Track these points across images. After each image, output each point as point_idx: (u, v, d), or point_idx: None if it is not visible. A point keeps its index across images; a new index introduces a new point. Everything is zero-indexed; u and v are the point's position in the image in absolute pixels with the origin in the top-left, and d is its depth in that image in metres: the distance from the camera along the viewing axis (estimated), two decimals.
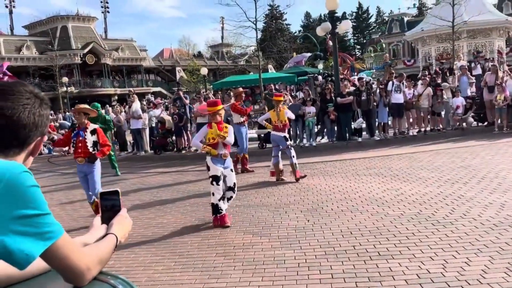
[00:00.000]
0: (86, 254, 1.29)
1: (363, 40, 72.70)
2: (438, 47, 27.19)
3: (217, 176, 6.08)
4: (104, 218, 1.51)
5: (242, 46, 40.53)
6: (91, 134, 6.66)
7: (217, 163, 6.12)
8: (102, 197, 1.51)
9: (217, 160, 6.13)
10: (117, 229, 1.46)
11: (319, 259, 4.60)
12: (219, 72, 55.34)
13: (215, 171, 6.09)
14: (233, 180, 6.32)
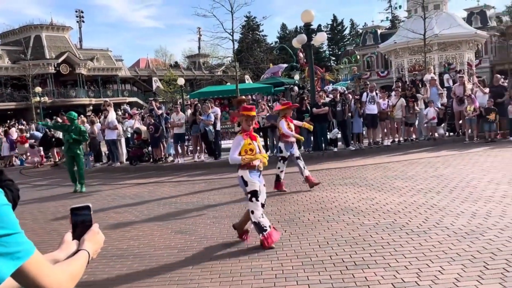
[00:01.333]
0: (58, 272, 1.27)
1: (338, 51, 73.76)
2: (410, 59, 27.82)
3: (256, 191, 5.43)
4: (75, 233, 1.48)
5: (219, 56, 40.44)
6: None
7: (256, 177, 5.49)
8: (73, 213, 1.49)
9: (255, 173, 5.49)
10: (88, 245, 1.45)
11: (296, 270, 4.61)
12: (196, 82, 55.16)
13: (254, 186, 5.42)
14: (264, 196, 5.72)
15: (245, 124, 5.49)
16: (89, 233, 1.48)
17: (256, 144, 5.48)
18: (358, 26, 73.31)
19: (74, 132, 10.88)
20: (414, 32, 20.08)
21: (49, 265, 1.26)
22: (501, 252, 4.56)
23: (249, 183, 5.41)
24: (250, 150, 5.38)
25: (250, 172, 5.42)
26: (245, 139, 5.39)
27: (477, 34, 27.60)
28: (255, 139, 5.52)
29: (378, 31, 54.35)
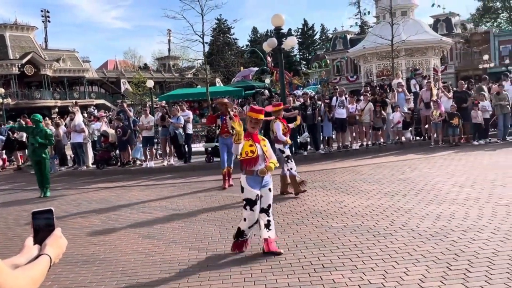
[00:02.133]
0: (18, 276, 1.24)
1: (308, 56, 74.52)
2: (378, 64, 28.39)
3: (251, 200, 5.01)
4: (37, 238, 1.44)
5: (189, 59, 40.35)
6: None
7: (254, 184, 5.03)
8: (35, 216, 1.45)
9: (254, 180, 5.03)
10: (50, 250, 1.41)
11: (265, 273, 4.61)
12: (165, 85, 54.74)
13: (250, 194, 5.01)
14: (268, 201, 5.18)
15: (249, 126, 5.13)
16: (51, 237, 1.44)
17: (260, 147, 5.04)
18: (329, 31, 74.29)
19: (40, 135, 10.54)
20: (382, 37, 20.50)
21: (8, 270, 1.23)
22: (464, 253, 4.69)
23: (245, 190, 5.04)
24: (251, 152, 4.99)
25: (248, 179, 5.03)
26: (246, 141, 5.03)
27: (443, 41, 28.43)
28: (259, 141, 5.10)
29: (347, 36, 55.19)
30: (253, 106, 5.40)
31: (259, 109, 5.25)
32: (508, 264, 4.31)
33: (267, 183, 5.14)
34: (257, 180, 5.03)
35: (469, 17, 60.01)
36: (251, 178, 5.03)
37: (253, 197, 4.99)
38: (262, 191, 5.08)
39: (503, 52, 46.90)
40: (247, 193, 5.02)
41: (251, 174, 5.03)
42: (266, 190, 5.11)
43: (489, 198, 6.95)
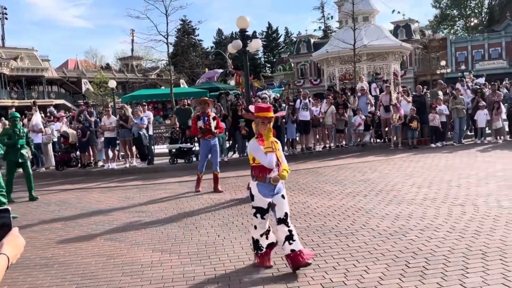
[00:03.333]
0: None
1: (273, 59, 75.07)
2: (341, 68, 28.86)
3: (263, 209, 4.60)
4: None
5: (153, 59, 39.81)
6: None
7: (266, 192, 4.57)
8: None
9: (265, 187, 4.57)
10: (8, 249, 1.38)
11: (229, 274, 4.63)
12: (128, 85, 53.81)
13: (262, 203, 4.58)
14: (284, 209, 4.63)
15: (262, 127, 4.55)
16: (8, 237, 1.41)
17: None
18: (293, 34, 75.08)
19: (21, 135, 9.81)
20: (344, 42, 20.88)
21: None
22: (421, 251, 4.86)
23: (255, 198, 4.60)
24: None
25: (259, 185, 4.57)
26: (262, 145, 4.50)
27: (403, 46, 29.21)
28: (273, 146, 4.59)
29: (311, 40, 55.93)
30: (259, 104, 4.89)
31: (266, 106, 4.68)
32: (463, 262, 4.50)
33: (279, 189, 4.65)
34: (270, 187, 4.57)
35: (427, 24, 62.21)
36: (263, 185, 4.55)
37: (265, 205, 4.57)
38: (275, 199, 4.60)
39: (459, 58, 48.79)
40: (259, 201, 4.58)
41: (263, 182, 4.54)
42: (279, 197, 4.62)
43: (445, 198, 7.23)
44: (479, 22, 62.25)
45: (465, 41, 49.65)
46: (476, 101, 14.20)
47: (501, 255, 4.59)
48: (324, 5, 64.91)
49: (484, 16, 63.09)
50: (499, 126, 14.04)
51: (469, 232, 5.42)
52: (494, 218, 5.93)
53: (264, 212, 4.60)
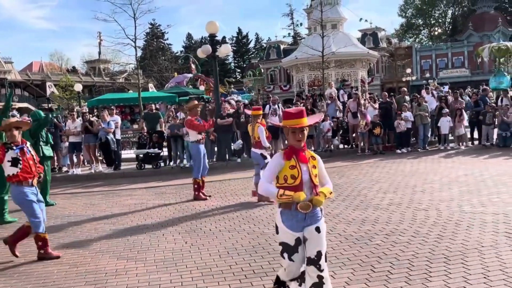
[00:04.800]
0: None
1: (243, 64, 75.23)
2: (310, 74, 29.23)
3: (289, 246, 3.41)
4: None
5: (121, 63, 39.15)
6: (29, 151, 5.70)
7: (293, 223, 3.39)
8: None
9: (292, 217, 3.38)
10: None
11: (196, 281, 4.57)
12: (95, 89, 52.75)
13: (286, 237, 3.41)
14: (317, 246, 3.41)
15: (292, 139, 3.41)
16: None
17: (307, 170, 3.39)
18: (263, 40, 75.43)
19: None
20: (313, 49, 21.15)
21: None
22: (386, 256, 4.94)
23: (279, 231, 3.46)
24: (291, 178, 3.34)
25: (284, 214, 3.41)
26: (287, 160, 3.38)
27: (370, 54, 29.84)
28: (306, 161, 3.42)
29: (281, 46, 56.37)
30: (288, 110, 3.51)
31: (296, 111, 3.46)
32: (426, 266, 4.59)
33: (314, 219, 3.42)
34: (298, 217, 3.37)
35: (394, 32, 63.74)
36: (289, 214, 3.38)
37: (291, 241, 3.39)
38: (307, 231, 3.40)
39: (424, 66, 50.20)
40: (283, 235, 3.42)
41: (289, 209, 3.38)
42: (312, 230, 3.40)
43: (409, 203, 7.38)
44: (443, 32, 64.24)
45: (429, 49, 51.14)
46: (440, 108, 14.60)
47: (462, 259, 4.71)
48: (294, 12, 65.54)
49: (448, 26, 65.17)
50: (461, 133, 14.48)
51: (432, 236, 5.55)
52: (456, 222, 6.09)
53: (292, 251, 3.40)
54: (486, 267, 4.47)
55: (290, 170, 3.38)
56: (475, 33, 48.01)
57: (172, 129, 13.40)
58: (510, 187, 8.12)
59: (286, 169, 3.38)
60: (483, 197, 7.48)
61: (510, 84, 24.61)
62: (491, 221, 6.05)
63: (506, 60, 34.46)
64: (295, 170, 3.38)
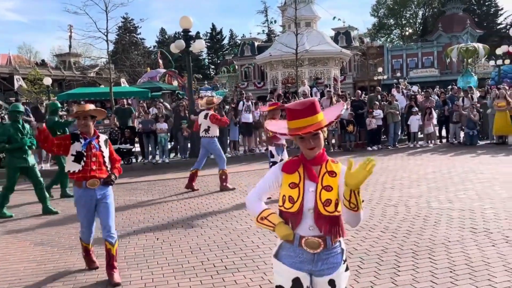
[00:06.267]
0: None
1: (217, 60, 74.90)
2: (284, 71, 29.37)
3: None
4: None
5: (92, 57, 38.40)
6: (105, 145, 4.75)
7: (292, 261, 2.40)
8: None
9: (296, 255, 2.39)
10: None
11: (167, 277, 4.54)
12: (65, 83, 51.53)
13: (281, 278, 2.44)
14: None
15: (302, 147, 2.40)
16: None
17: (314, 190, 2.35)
18: (237, 37, 75.27)
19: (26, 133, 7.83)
20: (287, 46, 21.24)
21: None
22: (356, 251, 5.02)
23: (274, 271, 2.51)
24: (289, 202, 2.36)
25: (283, 248, 2.44)
26: (286, 174, 2.43)
27: (342, 52, 30.18)
28: (317, 179, 2.37)
29: (255, 43, 56.29)
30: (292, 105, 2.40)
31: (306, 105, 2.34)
32: (395, 260, 4.70)
33: (328, 265, 2.39)
34: (303, 257, 2.38)
35: (366, 31, 64.63)
36: (291, 249, 2.40)
37: (285, 284, 2.41)
38: (314, 281, 2.42)
39: (395, 66, 51.04)
40: (278, 276, 2.46)
41: (290, 242, 2.39)
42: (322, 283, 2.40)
43: (380, 199, 7.52)
44: (414, 32, 65.52)
45: (400, 49, 52.03)
46: (409, 106, 14.91)
47: (429, 254, 4.84)
48: (268, 9, 65.66)
49: (418, 26, 66.49)
50: (430, 131, 14.83)
51: (401, 232, 5.67)
52: (424, 218, 6.24)
53: None
54: (452, 261, 4.60)
55: (289, 190, 2.38)
56: (444, 34, 49.12)
57: (144, 124, 13.24)
58: (476, 184, 8.37)
59: (286, 186, 2.40)
60: (450, 193, 7.69)
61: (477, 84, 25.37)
62: (457, 217, 6.23)
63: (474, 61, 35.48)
64: (296, 190, 2.36)
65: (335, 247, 2.41)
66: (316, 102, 2.37)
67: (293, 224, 2.37)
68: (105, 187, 4.62)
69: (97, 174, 4.55)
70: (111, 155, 4.80)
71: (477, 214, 6.33)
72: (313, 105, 2.34)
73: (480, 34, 49.16)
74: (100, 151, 4.62)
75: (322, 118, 2.35)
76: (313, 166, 2.41)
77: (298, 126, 2.32)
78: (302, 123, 2.31)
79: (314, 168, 2.40)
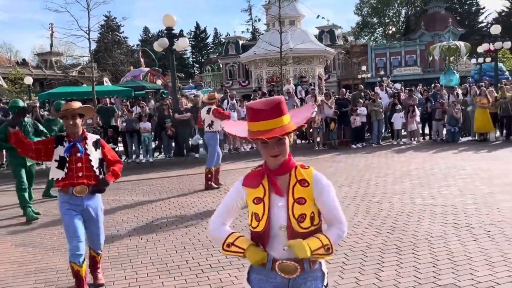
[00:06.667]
0: None
1: (201, 59, 74.61)
2: (268, 70, 29.30)
3: None
4: None
5: (74, 56, 37.90)
6: (94, 147, 4.19)
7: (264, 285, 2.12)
8: None
9: (268, 279, 2.10)
10: None
11: (151, 277, 4.50)
12: (47, 82, 50.80)
13: None
14: None
15: (264, 153, 2.11)
16: None
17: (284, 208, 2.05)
18: (221, 35, 75.05)
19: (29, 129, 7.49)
20: (271, 45, 21.22)
21: None
22: (341, 247, 5.03)
23: None
24: (255, 220, 2.08)
25: (254, 271, 2.16)
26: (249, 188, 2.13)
27: (327, 51, 30.24)
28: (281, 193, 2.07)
29: (239, 42, 56.22)
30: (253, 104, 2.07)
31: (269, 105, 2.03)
32: (379, 256, 4.73)
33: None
34: (276, 281, 2.10)
35: (350, 30, 65.08)
36: (262, 272, 2.11)
37: None
38: None
39: (378, 64, 51.50)
40: None
41: (263, 266, 2.09)
42: None
43: (364, 196, 7.57)
44: (397, 30, 66.18)
45: (384, 48, 52.52)
46: (393, 104, 15.04)
47: (413, 249, 4.89)
48: (252, 7, 65.70)
49: (401, 25, 67.21)
50: (413, 128, 14.98)
51: (385, 228, 5.72)
52: (408, 214, 6.30)
53: None
54: (435, 256, 4.65)
55: (254, 206, 2.08)
56: (427, 32, 49.71)
57: (128, 124, 13.11)
58: (458, 180, 8.48)
59: (251, 203, 2.10)
60: (433, 189, 7.78)
61: (459, 82, 25.73)
62: (440, 212, 6.30)
63: (456, 59, 35.96)
64: (261, 206, 2.06)
65: (314, 271, 2.07)
66: (282, 102, 2.05)
67: (263, 246, 2.05)
68: (94, 195, 4.16)
69: (85, 181, 4.05)
70: (105, 157, 4.24)
71: (459, 209, 6.41)
72: (279, 106, 2.02)
73: (462, 33, 49.88)
74: (86, 154, 4.07)
75: (288, 121, 2.04)
76: (279, 176, 2.08)
77: (261, 129, 1.99)
78: (265, 125, 1.99)
79: (282, 178, 2.09)
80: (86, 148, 4.09)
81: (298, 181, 2.08)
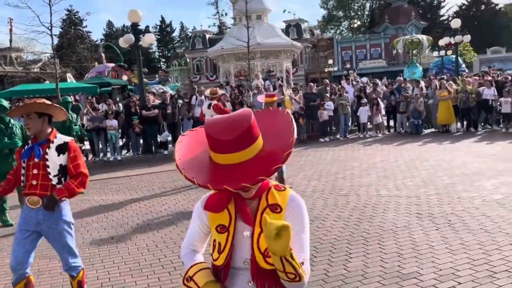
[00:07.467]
0: None
1: (168, 53, 73.69)
2: (236, 65, 29.28)
3: None
4: None
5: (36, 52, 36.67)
6: (57, 152, 3.56)
7: None
8: None
9: None
10: None
11: (124, 276, 4.52)
12: (7, 79, 49.13)
13: None
14: None
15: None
16: None
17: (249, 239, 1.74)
18: (188, 29, 74.30)
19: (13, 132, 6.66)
20: (239, 39, 21.22)
21: None
22: (310, 240, 5.15)
23: None
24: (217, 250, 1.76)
25: None
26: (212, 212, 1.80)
27: (293, 45, 30.45)
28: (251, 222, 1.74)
29: (206, 36, 55.81)
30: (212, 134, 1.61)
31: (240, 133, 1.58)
32: (347, 248, 4.90)
33: None
34: None
35: (316, 24, 65.69)
36: None
37: None
38: None
39: (344, 57, 52.22)
40: None
41: None
42: None
43: (332, 189, 7.76)
44: (362, 24, 67.19)
45: (349, 41, 53.28)
46: (358, 98, 15.37)
47: (379, 240, 5.08)
48: (218, 1, 65.28)
49: (366, 19, 68.24)
50: (379, 121, 15.35)
51: (353, 220, 5.90)
52: (374, 206, 6.52)
53: None
54: (400, 246, 4.86)
55: (217, 234, 1.78)
56: (390, 26, 50.69)
57: (95, 121, 12.91)
58: (421, 171, 8.80)
59: (213, 230, 1.80)
60: (398, 181, 8.05)
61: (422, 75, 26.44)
62: (404, 203, 6.55)
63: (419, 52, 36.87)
64: (224, 236, 1.76)
65: None
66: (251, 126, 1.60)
67: (222, 282, 1.77)
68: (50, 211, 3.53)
69: (37, 191, 3.48)
70: (68, 165, 3.58)
71: (422, 200, 6.67)
72: (248, 132, 1.58)
73: (424, 26, 51.11)
74: (43, 160, 3.48)
75: (259, 147, 1.63)
76: (248, 200, 1.74)
77: (225, 162, 1.60)
78: (230, 159, 1.59)
79: (251, 203, 1.75)
80: (46, 152, 3.50)
81: (268, 206, 1.74)
